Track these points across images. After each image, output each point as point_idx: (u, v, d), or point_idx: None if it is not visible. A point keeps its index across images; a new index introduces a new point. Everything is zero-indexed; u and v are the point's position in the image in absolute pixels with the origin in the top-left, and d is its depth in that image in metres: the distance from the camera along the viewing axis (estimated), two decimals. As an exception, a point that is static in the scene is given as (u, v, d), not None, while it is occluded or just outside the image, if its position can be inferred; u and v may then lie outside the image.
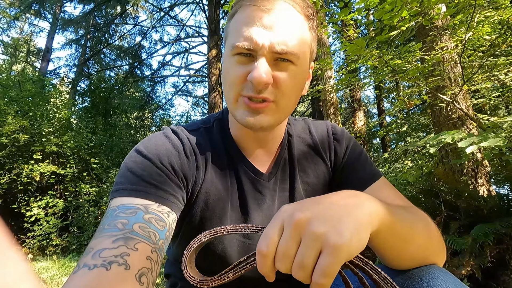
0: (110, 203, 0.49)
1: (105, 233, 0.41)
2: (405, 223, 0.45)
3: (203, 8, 9.37)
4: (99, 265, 0.36)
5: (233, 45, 0.52)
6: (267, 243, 0.34)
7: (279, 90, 0.53)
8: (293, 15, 0.53)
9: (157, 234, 0.45)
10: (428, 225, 0.51)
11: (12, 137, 5.44)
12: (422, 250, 0.49)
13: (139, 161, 0.52)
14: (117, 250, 0.39)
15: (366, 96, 13.10)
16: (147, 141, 0.56)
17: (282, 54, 0.51)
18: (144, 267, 0.40)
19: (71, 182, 5.99)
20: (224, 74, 0.56)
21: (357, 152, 0.69)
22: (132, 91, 11.61)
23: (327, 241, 0.32)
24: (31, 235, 5.19)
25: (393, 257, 0.49)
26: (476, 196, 2.13)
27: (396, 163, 4.54)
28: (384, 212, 0.40)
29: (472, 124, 2.55)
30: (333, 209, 0.35)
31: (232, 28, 0.55)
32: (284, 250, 0.34)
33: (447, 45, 2.43)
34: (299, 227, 0.34)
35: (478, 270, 1.59)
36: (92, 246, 0.40)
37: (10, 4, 10.32)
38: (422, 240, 0.49)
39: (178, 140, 0.58)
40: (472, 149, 1.16)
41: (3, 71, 6.82)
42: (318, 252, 0.33)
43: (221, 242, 0.60)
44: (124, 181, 0.50)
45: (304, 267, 0.33)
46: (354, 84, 2.99)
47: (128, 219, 0.43)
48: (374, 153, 10.23)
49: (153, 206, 0.48)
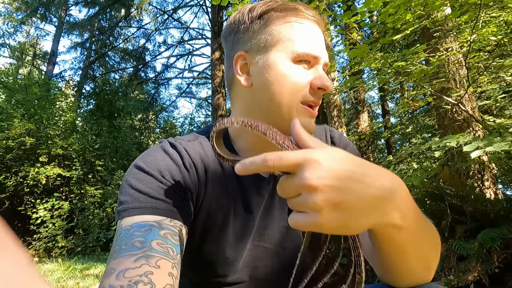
0: (120, 223, 0.48)
1: (124, 253, 0.41)
2: (425, 233, 0.44)
3: (206, 10, 9.42)
4: (125, 286, 0.37)
5: (300, 52, 0.54)
6: (276, 164, 0.36)
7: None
8: (321, 29, 0.60)
9: (175, 249, 0.45)
10: (436, 238, 0.49)
11: (19, 140, 5.51)
12: (428, 267, 0.48)
13: (142, 178, 0.52)
14: (140, 269, 0.39)
15: (371, 97, 13.04)
16: (146, 156, 0.55)
17: (326, 66, 0.58)
18: (167, 283, 0.40)
19: (76, 185, 6.05)
20: (281, 79, 0.54)
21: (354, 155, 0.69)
22: (136, 93, 11.71)
23: (321, 219, 0.34)
24: (37, 237, 5.25)
25: (397, 259, 0.46)
26: (483, 199, 2.10)
27: (401, 164, 4.50)
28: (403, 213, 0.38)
29: (478, 126, 2.52)
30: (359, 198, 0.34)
31: (288, 33, 0.55)
32: (283, 186, 0.37)
33: (452, 46, 2.41)
34: (309, 189, 0.34)
35: (485, 276, 1.57)
36: (113, 266, 0.40)
37: (17, 9, 10.47)
38: (431, 255, 0.47)
39: (177, 154, 0.57)
40: (477, 153, 1.14)
41: (10, 75, 6.91)
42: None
43: (223, 251, 0.59)
44: (130, 199, 0.50)
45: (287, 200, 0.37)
46: (357, 86, 2.98)
47: (145, 236, 0.44)
48: (378, 154, 10.17)
49: (166, 221, 0.48)
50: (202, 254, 0.59)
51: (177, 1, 10.80)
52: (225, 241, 0.59)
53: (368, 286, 0.57)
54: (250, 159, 0.37)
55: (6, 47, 11.67)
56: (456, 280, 1.62)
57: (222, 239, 0.59)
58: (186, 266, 0.64)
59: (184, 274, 0.66)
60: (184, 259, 0.63)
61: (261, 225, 0.62)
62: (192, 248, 0.60)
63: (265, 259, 0.63)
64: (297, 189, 0.35)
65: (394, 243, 0.42)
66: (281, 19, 0.55)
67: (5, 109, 5.88)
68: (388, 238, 0.41)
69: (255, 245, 0.62)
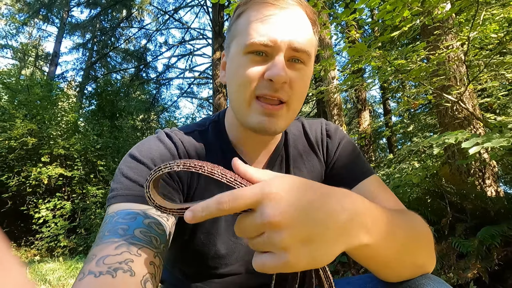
0: (108, 209, 0.49)
1: (106, 240, 0.41)
2: (399, 238, 0.42)
3: (207, 10, 9.42)
4: (104, 272, 0.36)
5: (248, 42, 0.50)
6: (232, 205, 0.32)
7: (292, 91, 0.52)
8: (303, 17, 0.54)
9: (158, 239, 0.44)
10: (422, 233, 0.49)
11: (21, 140, 5.55)
12: (415, 262, 0.47)
13: (134, 166, 0.52)
14: (120, 256, 0.39)
15: (372, 96, 12.99)
16: (141, 145, 0.56)
17: (299, 52, 0.51)
18: (148, 272, 0.40)
19: (78, 185, 6.08)
20: (232, 75, 0.54)
21: (350, 149, 0.69)
22: (138, 93, 11.74)
23: (291, 258, 0.31)
24: (40, 236, 5.28)
25: (382, 270, 0.47)
26: (484, 197, 2.08)
27: (402, 163, 4.49)
28: (369, 229, 0.36)
29: (479, 124, 2.50)
30: (325, 226, 0.32)
31: (242, 27, 0.53)
32: (242, 225, 0.34)
33: (452, 44, 2.40)
34: (273, 226, 0.31)
35: (485, 273, 1.56)
36: (95, 253, 0.40)
37: (19, 10, 10.53)
38: (415, 251, 0.46)
39: (172, 144, 0.57)
40: (475, 149, 1.14)
41: (13, 76, 6.94)
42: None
43: (214, 244, 0.60)
44: (120, 187, 0.50)
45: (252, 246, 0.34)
46: (358, 85, 2.97)
47: (128, 224, 0.43)
48: (380, 153, 10.13)
49: (152, 211, 0.47)
50: (193, 246, 0.60)
51: (178, 1, 10.82)
52: (217, 234, 0.59)
53: (362, 276, 0.57)
54: (202, 204, 0.34)
55: (8, 48, 11.75)
56: (455, 277, 1.61)
57: (214, 232, 0.59)
58: (178, 257, 0.64)
59: (176, 265, 0.66)
60: (176, 251, 0.63)
61: None
62: (184, 240, 0.60)
63: None
64: (259, 228, 0.32)
65: (371, 258, 0.41)
66: (244, 12, 0.54)
67: (8, 109, 5.91)
68: (363, 256, 0.41)
69: (233, 241, 0.62)
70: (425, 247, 0.48)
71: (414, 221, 0.49)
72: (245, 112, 0.53)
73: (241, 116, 0.55)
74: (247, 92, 0.52)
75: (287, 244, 0.31)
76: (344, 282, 0.60)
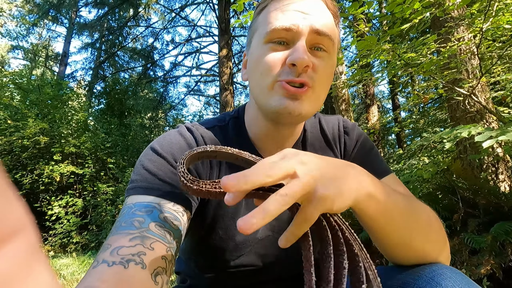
0: (126, 200, 0.50)
1: (122, 231, 0.42)
2: (399, 207, 0.44)
3: (213, 7, 9.41)
4: (117, 263, 0.37)
5: (269, 29, 0.50)
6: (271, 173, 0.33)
7: (317, 75, 0.51)
8: (324, 6, 0.54)
9: (172, 234, 0.45)
10: (429, 218, 0.49)
11: (33, 139, 5.67)
12: (420, 241, 0.47)
13: (154, 159, 0.53)
14: (134, 248, 0.39)
15: (380, 91, 12.82)
16: (162, 139, 0.56)
17: (321, 36, 0.50)
18: (159, 266, 0.40)
19: (89, 182, 6.19)
20: (254, 66, 0.53)
21: (367, 147, 0.68)
22: (145, 92, 11.84)
23: (315, 191, 0.34)
24: (53, 233, 5.41)
25: (388, 243, 0.47)
26: (497, 192, 2.04)
27: (412, 159, 4.43)
28: (375, 189, 0.41)
29: (492, 118, 2.45)
30: (330, 167, 0.37)
31: (262, 20, 0.53)
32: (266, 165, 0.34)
33: (464, 36, 2.34)
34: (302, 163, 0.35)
35: (498, 270, 1.53)
36: (110, 242, 0.41)
37: (29, 11, 10.72)
38: (420, 231, 0.47)
39: (193, 138, 0.58)
40: (489, 143, 1.11)
41: (24, 76, 7.08)
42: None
43: (233, 239, 0.60)
44: (139, 178, 0.51)
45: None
46: (366, 79, 2.93)
47: (144, 217, 0.44)
48: (389, 149, 10.01)
49: (169, 205, 0.48)
50: (212, 241, 0.60)
51: (184, -1, 10.83)
52: (235, 229, 0.59)
53: (378, 268, 0.57)
54: (243, 175, 0.32)
55: (20, 49, 11.99)
56: (468, 274, 1.59)
57: (233, 227, 0.59)
58: (194, 250, 0.65)
59: (191, 258, 0.67)
60: (192, 244, 0.64)
61: None
62: (202, 234, 0.60)
63: (273, 249, 0.63)
64: (292, 165, 0.34)
65: (375, 216, 0.43)
66: (264, 8, 0.55)
67: (20, 109, 6.04)
68: (369, 212, 0.42)
69: (266, 235, 0.63)
70: (426, 232, 0.48)
71: (418, 207, 0.50)
72: (266, 96, 0.52)
73: (263, 101, 0.53)
74: (269, 79, 0.51)
75: (316, 176, 0.35)
76: None
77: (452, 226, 1.91)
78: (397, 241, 0.46)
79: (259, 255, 0.63)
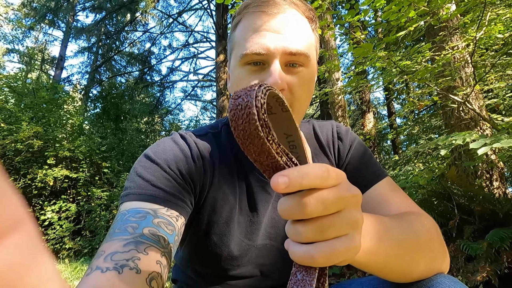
0: (120, 207, 0.50)
1: (116, 237, 0.42)
2: (396, 240, 0.41)
3: (210, 13, 9.49)
4: (111, 268, 0.37)
5: (242, 54, 0.51)
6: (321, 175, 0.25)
7: (293, 96, 0.52)
8: (298, 18, 0.54)
9: (166, 238, 0.45)
10: (429, 233, 0.48)
11: (27, 143, 5.60)
12: (424, 263, 0.46)
13: (148, 166, 0.53)
14: (128, 254, 0.39)
15: (376, 97, 12.95)
16: (155, 146, 0.57)
17: (295, 55, 0.51)
18: (154, 271, 0.40)
19: (83, 187, 6.11)
20: (234, 85, 0.56)
21: (361, 151, 0.68)
22: (142, 96, 11.82)
23: (357, 239, 0.27)
24: (45, 238, 5.31)
25: (389, 277, 0.46)
26: (492, 199, 2.06)
27: (407, 165, 4.45)
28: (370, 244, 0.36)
29: (486, 125, 2.48)
30: None
31: (238, 38, 0.54)
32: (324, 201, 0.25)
33: (458, 45, 2.38)
34: (356, 199, 0.27)
35: (494, 276, 1.54)
36: (104, 249, 0.41)
37: (26, 15, 10.70)
38: (422, 252, 0.46)
39: (186, 145, 0.58)
40: (484, 150, 1.12)
41: (19, 79, 7.02)
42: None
43: (228, 245, 0.59)
44: (133, 185, 0.51)
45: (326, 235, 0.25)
46: (362, 86, 2.96)
47: (138, 223, 0.44)
48: (385, 155, 10.07)
49: (162, 210, 0.48)
50: (206, 247, 0.60)
51: (182, 4, 10.91)
52: (230, 236, 0.59)
53: (374, 278, 0.56)
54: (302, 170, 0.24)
55: (15, 53, 11.93)
56: (464, 281, 1.59)
57: (227, 233, 0.59)
58: (191, 257, 0.64)
59: (189, 264, 0.66)
60: (189, 251, 0.63)
61: (269, 223, 0.62)
62: (197, 240, 0.60)
63: (271, 257, 0.63)
64: (344, 201, 0.26)
65: (372, 267, 0.40)
66: (239, 23, 0.55)
67: (14, 112, 5.98)
68: (366, 260, 0.39)
69: (264, 243, 0.62)
70: (429, 251, 0.47)
71: (416, 226, 0.47)
72: None
73: None
74: None
75: (361, 223, 0.27)
76: (357, 282, 0.59)
77: (448, 232, 1.91)
78: (398, 272, 0.45)
79: (257, 264, 0.62)
